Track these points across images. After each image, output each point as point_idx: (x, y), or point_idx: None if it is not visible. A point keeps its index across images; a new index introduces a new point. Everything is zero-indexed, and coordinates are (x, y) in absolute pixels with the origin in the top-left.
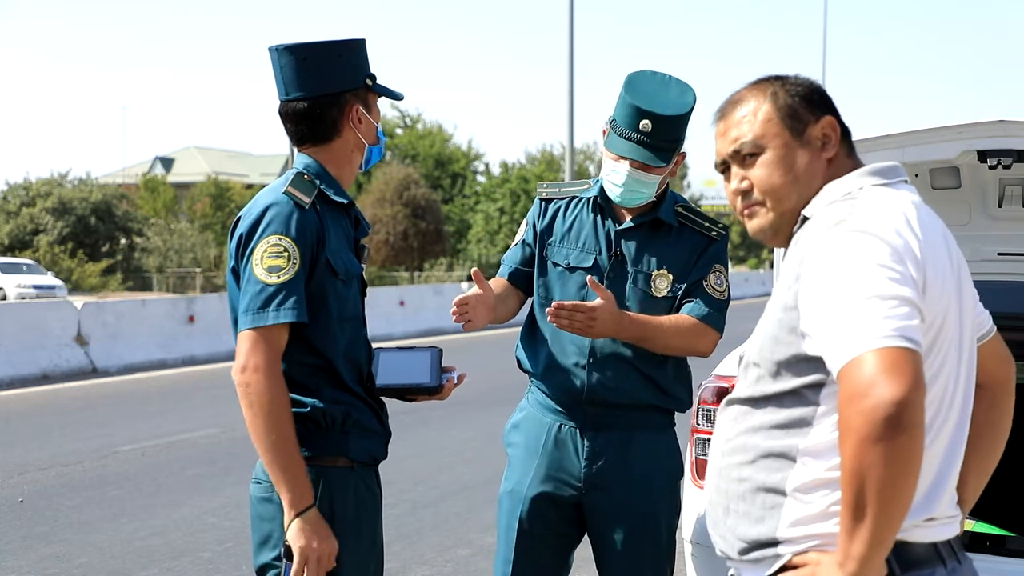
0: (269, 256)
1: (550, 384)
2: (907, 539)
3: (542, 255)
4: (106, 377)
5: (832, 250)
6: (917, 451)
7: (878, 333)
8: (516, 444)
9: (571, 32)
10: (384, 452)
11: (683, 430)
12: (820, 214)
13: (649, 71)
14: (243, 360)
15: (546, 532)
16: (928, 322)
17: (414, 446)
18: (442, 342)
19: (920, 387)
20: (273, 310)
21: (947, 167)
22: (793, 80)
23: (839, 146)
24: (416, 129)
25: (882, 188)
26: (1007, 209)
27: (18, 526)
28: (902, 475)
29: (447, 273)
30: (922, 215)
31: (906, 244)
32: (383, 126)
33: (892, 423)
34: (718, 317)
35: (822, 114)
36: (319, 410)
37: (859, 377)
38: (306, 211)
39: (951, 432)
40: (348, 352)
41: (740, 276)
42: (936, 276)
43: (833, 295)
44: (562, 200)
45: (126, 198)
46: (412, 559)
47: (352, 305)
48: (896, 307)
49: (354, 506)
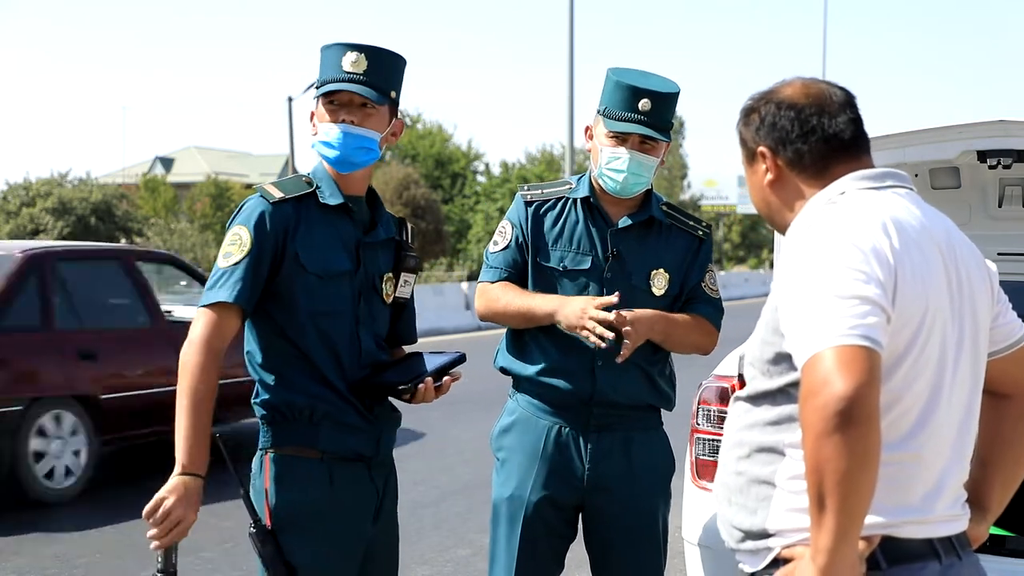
0: (228, 244)
1: (551, 387)
2: (896, 535)
3: (535, 260)
4: None
5: (800, 252)
6: (871, 444)
7: (836, 332)
8: (510, 448)
9: (571, 32)
10: (371, 448)
11: (674, 430)
12: (799, 219)
13: (623, 68)
14: (189, 335)
15: (547, 536)
16: (902, 322)
17: (414, 446)
18: (442, 342)
19: (873, 383)
20: (215, 290)
21: (947, 167)
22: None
23: (784, 168)
24: (416, 129)
25: (867, 192)
26: (1007, 209)
27: (19, 526)
28: (857, 468)
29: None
30: (907, 219)
31: (874, 246)
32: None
33: (843, 417)
34: (719, 316)
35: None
36: (287, 402)
37: (814, 374)
38: (274, 205)
39: (952, 437)
40: (328, 347)
41: (740, 276)
42: (914, 278)
43: (799, 295)
44: (547, 202)
45: (126, 198)
46: (412, 559)
47: (331, 301)
48: (856, 306)
49: (320, 496)
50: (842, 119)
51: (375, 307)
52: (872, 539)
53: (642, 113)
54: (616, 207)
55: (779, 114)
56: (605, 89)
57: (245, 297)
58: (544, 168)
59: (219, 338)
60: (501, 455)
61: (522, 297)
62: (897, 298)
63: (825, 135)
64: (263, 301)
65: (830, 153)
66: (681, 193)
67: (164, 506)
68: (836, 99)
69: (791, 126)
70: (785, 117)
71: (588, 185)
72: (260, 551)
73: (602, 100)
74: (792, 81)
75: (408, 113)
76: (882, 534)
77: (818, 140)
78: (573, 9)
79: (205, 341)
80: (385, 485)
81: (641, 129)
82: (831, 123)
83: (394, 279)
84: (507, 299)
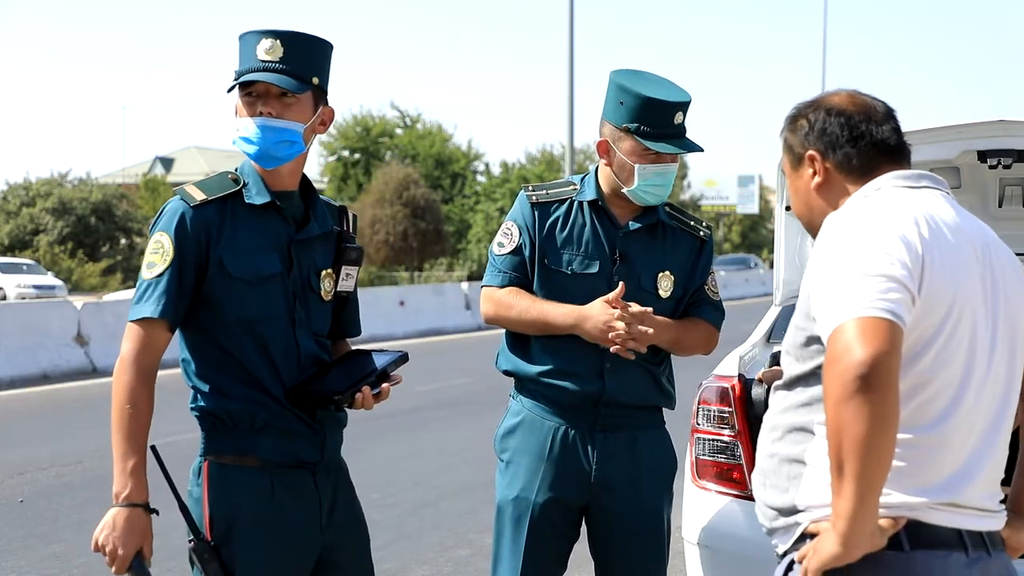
0: (150, 252)
1: (559, 388)
2: (921, 519)
3: (543, 262)
4: (106, 377)
5: (832, 239)
6: (889, 409)
7: (860, 304)
8: (515, 450)
9: (571, 32)
10: (315, 454)
11: (674, 430)
12: (835, 212)
13: (628, 70)
14: (120, 350)
15: (553, 537)
16: (929, 307)
17: (414, 446)
18: (442, 342)
19: (893, 352)
20: (141, 304)
21: (947, 167)
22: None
23: (833, 171)
24: (416, 129)
25: (902, 189)
26: (1007, 209)
27: (18, 526)
28: (874, 432)
29: (447, 273)
30: (940, 215)
31: (903, 234)
32: (384, 126)
33: (863, 382)
34: (721, 319)
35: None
36: (224, 409)
37: (837, 343)
38: (195, 209)
39: (983, 428)
40: (264, 353)
41: (740, 276)
42: (943, 267)
43: (827, 276)
44: (553, 203)
45: (126, 198)
46: (412, 559)
47: (262, 306)
48: (881, 283)
49: (261, 506)
50: (887, 127)
51: (312, 307)
52: (899, 520)
53: (677, 126)
54: (623, 209)
55: (829, 120)
56: (626, 104)
57: (171, 311)
58: (544, 168)
59: (148, 355)
60: (506, 456)
61: (537, 306)
62: (924, 283)
63: (873, 140)
64: (192, 308)
65: (877, 156)
66: (681, 193)
67: (99, 543)
68: (880, 110)
69: (841, 131)
70: (835, 123)
71: (595, 187)
72: (204, 568)
73: (624, 115)
74: (838, 91)
75: (408, 113)
76: (909, 516)
77: (867, 144)
78: (573, 9)
79: (133, 360)
80: (334, 491)
81: (683, 147)
82: (878, 130)
83: (334, 274)
84: (521, 307)
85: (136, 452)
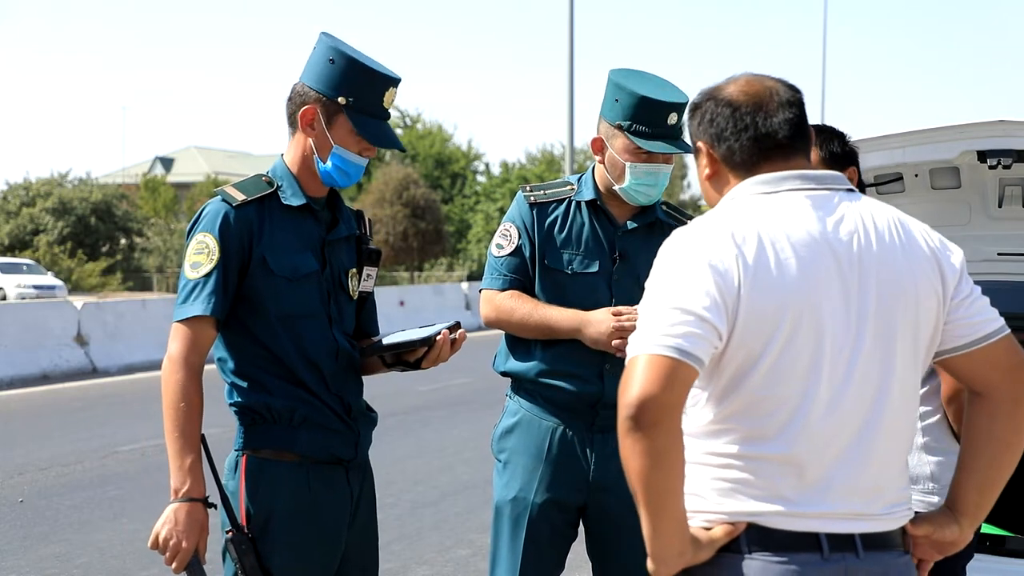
0: (194, 253)
1: (557, 389)
2: (763, 524)
3: (542, 262)
4: (106, 377)
5: (659, 260)
6: (660, 447)
7: (650, 340)
8: (513, 450)
9: (571, 32)
10: (350, 451)
11: None
12: (682, 226)
13: (628, 69)
14: (167, 350)
15: (551, 537)
16: (754, 327)
17: (414, 446)
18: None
19: (670, 390)
20: (189, 304)
21: (947, 167)
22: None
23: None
24: (416, 129)
25: (756, 197)
26: (1007, 209)
27: (18, 526)
28: (648, 468)
29: (447, 273)
30: (783, 225)
31: (716, 261)
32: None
33: (631, 422)
34: None
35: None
36: (264, 404)
37: (623, 378)
38: (237, 209)
39: (844, 438)
40: (302, 350)
41: None
42: (768, 283)
43: (643, 302)
44: (551, 203)
45: (126, 198)
46: (412, 559)
47: (301, 304)
48: (677, 316)
49: (298, 501)
50: (779, 118)
51: (343, 304)
52: (737, 525)
53: (670, 127)
54: (621, 209)
55: (717, 111)
56: (621, 101)
57: (220, 309)
58: (544, 168)
59: (196, 353)
60: (503, 457)
61: (539, 311)
62: (742, 306)
63: (757, 134)
64: (232, 306)
65: (760, 152)
66: (681, 193)
67: (160, 539)
68: (778, 98)
69: (726, 124)
70: (722, 115)
71: (593, 187)
72: (240, 560)
73: (619, 112)
74: (738, 78)
75: (408, 113)
76: (748, 521)
77: (749, 138)
78: (573, 9)
79: (184, 358)
80: (361, 489)
81: (675, 147)
82: (766, 122)
83: (358, 274)
84: (523, 312)
85: (192, 449)
